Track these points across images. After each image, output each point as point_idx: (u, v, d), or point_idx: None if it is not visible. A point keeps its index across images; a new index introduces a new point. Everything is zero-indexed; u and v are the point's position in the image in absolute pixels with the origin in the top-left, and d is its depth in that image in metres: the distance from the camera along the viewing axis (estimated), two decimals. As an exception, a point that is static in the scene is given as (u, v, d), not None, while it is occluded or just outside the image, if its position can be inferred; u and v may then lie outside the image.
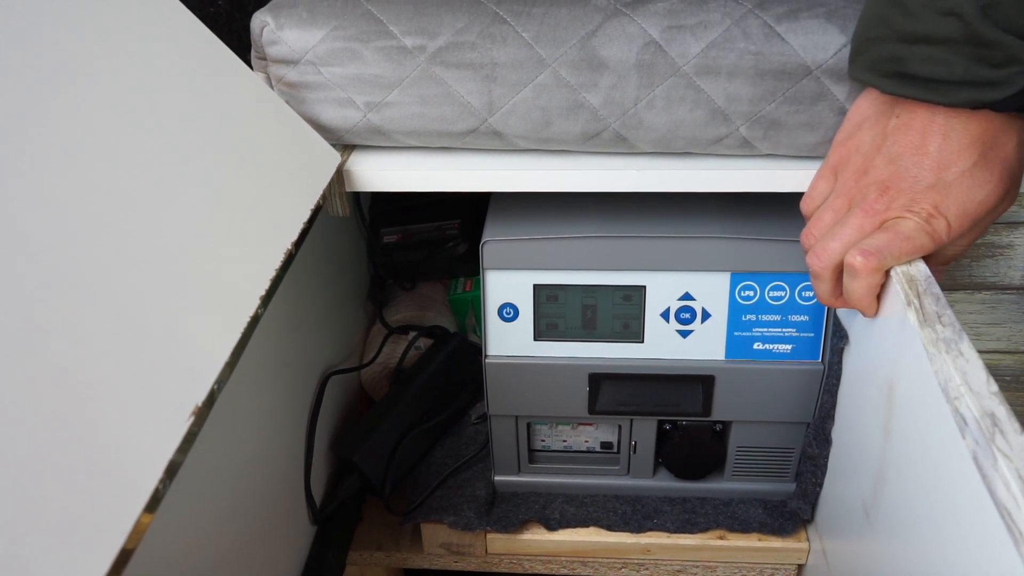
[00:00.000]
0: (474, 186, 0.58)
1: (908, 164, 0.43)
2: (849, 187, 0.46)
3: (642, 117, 0.53)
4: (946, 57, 0.40)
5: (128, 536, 0.31)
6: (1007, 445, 0.33)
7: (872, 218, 0.44)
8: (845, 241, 0.45)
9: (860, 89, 0.50)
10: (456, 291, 0.87)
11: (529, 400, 0.67)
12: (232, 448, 0.51)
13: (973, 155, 0.41)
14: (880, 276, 0.44)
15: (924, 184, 0.42)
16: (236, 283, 0.43)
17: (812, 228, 0.48)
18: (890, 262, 0.44)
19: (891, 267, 0.44)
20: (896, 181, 0.43)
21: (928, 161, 0.42)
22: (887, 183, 0.44)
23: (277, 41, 0.54)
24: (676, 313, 0.62)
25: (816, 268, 0.47)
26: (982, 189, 0.42)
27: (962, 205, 0.42)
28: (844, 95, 0.51)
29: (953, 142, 0.42)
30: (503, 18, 0.52)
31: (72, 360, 0.33)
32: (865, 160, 0.45)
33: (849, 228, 0.45)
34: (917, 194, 0.43)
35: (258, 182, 0.49)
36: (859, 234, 0.44)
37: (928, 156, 0.42)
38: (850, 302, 0.47)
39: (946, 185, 0.42)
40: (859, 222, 0.44)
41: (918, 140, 0.43)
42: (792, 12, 0.51)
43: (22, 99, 0.36)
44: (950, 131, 0.42)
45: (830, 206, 0.47)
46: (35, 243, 0.34)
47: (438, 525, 0.69)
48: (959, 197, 0.42)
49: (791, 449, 0.68)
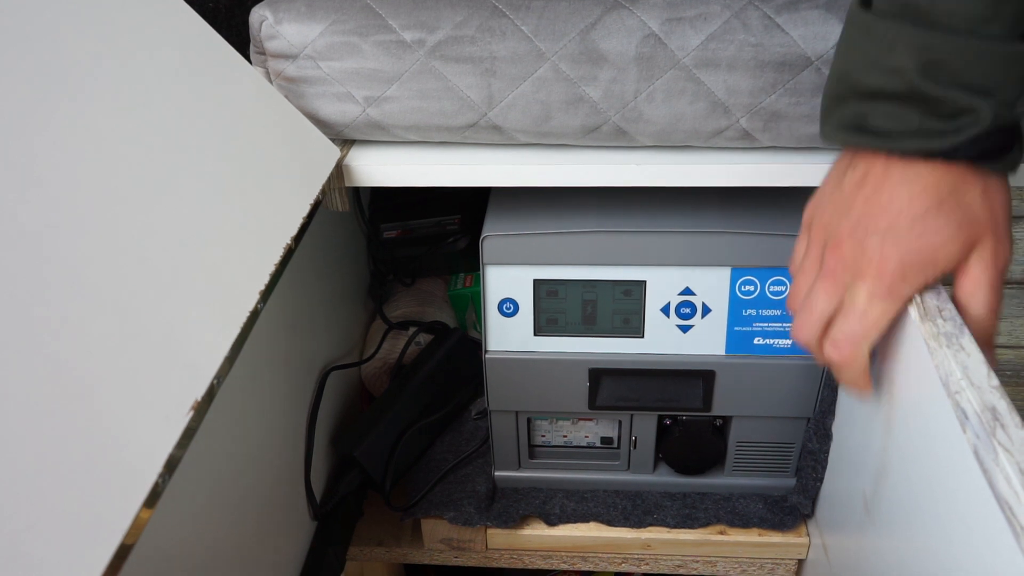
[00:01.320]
0: (474, 181, 0.57)
1: (860, 215, 0.42)
2: (815, 247, 0.45)
3: (642, 110, 0.53)
4: (901, 111, 0.40)
5: (127, 531, 0.31)
6: (1008, 439, 0.33)
7: (833, 283, 0.43)
8: (818, 313, 0.44)
9: None
10: (456, 287, 0.87)
11: (529, 395, 0.67)
12: (232, 443, 0.51)
13: (926, 202, 0.40)
14: (862, 360, 0.43)
15: (876, 233, 0.41)
16: (235, 278, 0.43)
17: (792, 293, 0.47)
18: (864, 345, 0.43)
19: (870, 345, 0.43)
20: (849, 234, 0.42)
21: (879, 210, 0.41)
22: (840, 239, 0.43)
23: (276, 35, 0.54)
24: (676, 308, 0.62)
25: (799, 340, 0.46)
26: (938, 235, 0.40)
27: (917, 252, 0.40)
28: (845, 87, 0.51)
29: (905, 189, 0.41)
30: (502, 11, 0.52)
31: (72, 355, 0.33)
32: (824, 216, 0.45)
33: (817, 299, 0.44)
34: (868, 247, 0.41)
35: (257, 177, 0.49)
36: (828, 302, 0.43)
37: (880, 205, 0.41)
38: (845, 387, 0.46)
39: (897, 233, 0.41)
40: (824, 290, 0.44)
41: (871, 191, 0.42)
42: (792, 3, 0.51)
43: (21, 95, 0.36)
44: (904, 179, 0.41)
45: (803, 270, 0.46)
46: (35, 238, 0.34)
47: (438, 520, 0.69)
48: (912, 244, 0.40)
49: (791, 444, 0.68)
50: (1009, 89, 0.39)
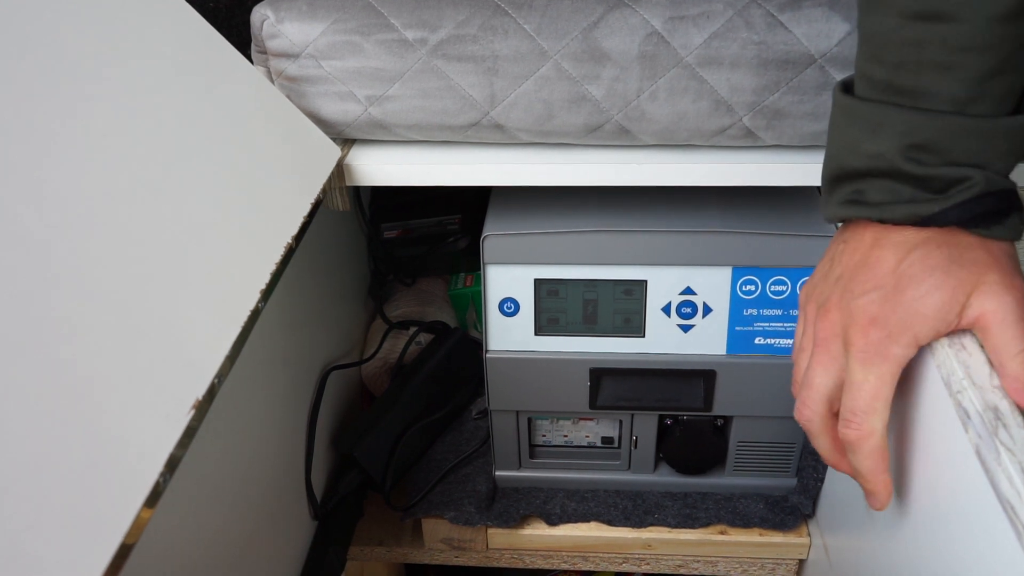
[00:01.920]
0: (475, 181, 0.57)
1: (847, 281, 0.41)
2: (810, 321, 0.44)
3: (645, 109, 0.53)
4: (893, 186, 0.40)
5: (128, 531, 0.31)
6: (1010, 439, 0.33)
7: (827, 353, 0.42)
8: (816, 387, 0.42)
9: None
10: (456, 286, 0.86)
11: (530, 395, 0.67)
12: (233, 443, 0.51)
13: (912, 260, 0.38)
14: (875, 438, 0.40)
15: (862, 295, 0.40)
16: (236, 277, 0.43)
17: (794, 375, 0.46)
18: (872, 419, 0.40)
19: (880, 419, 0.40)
20: (837, 302, 0.41)
21: (867, 274, 0.40)
22: (828, 308, 0.41)
23: (277, 35, 0.54)
24: (677, 307, 0.62)
25: (802, 422, 0.44)
26: (921, 286, 0.38)
27: (901, 306, 0.38)
28: (849, 84, 0.51)
29: (892, 252, 0.39)
30: (504, 10, 0.52)
31: (73, 354, 0.33)
32: (816, 289, 0.44)
33: (815, 374, 0.42)
34: (854, 310, 0.40)
35: (258, 176, 0.48)
36: (825, 375, 0.42)
37: (868, 268, 0.40)
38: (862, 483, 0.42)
39: (882, 292, 0.39)
40: (820, 363, 0.42)
41: (860, 257, 0.41)
42: (795, 1, 0.51)
43: (22, 94, 0.36)
44: (892, 244, 0.40)
45: (801, 348, 0.45)
46: (36, 238, 0.34)
47: (439, 520, 0.69)
48: (896, 299, 0.38)
49: (792, 444, 0.68)
50: (998, 163, 0.38)
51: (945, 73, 0.37)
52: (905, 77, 0.39)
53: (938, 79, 0.38)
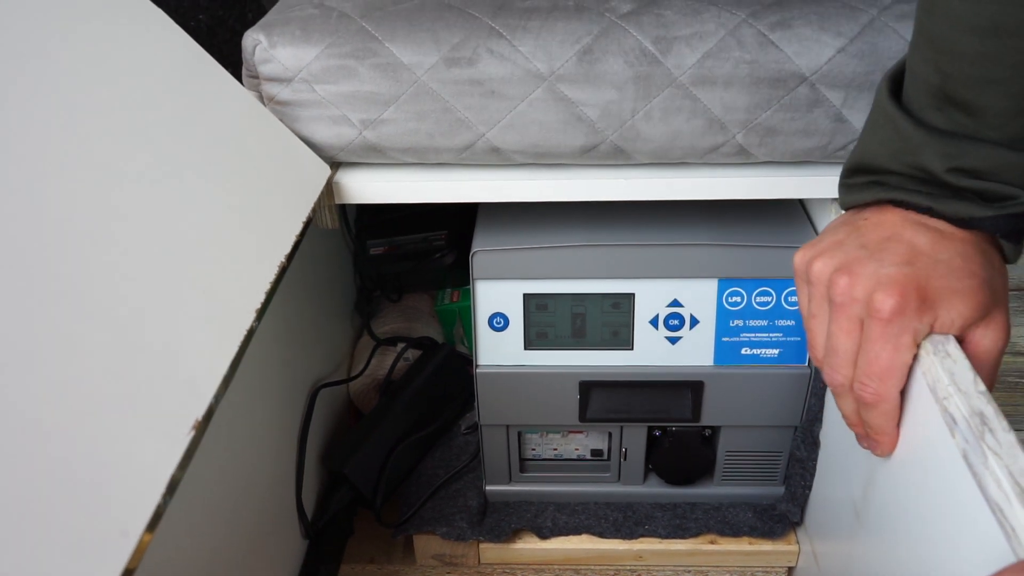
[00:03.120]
0: (463, 197, 0.58)
1: (876, 251, 0.41)
2: (819, 288, 0.43)
3: (640, 128, 0.54)
4: (931, 190, 0.41)
5: (131, 556, 0.31)
6: (996, 443, 0.34)
7: (847, 318, 0.41)
8: (842, 352, 0.42)
9: (857, 93, 0.51)
10: (443, 302, 0.87)
11: (520, 409, 0.67)
12: (225, 463, 0.51)
13: (951, 250, 0.39)
14: (891, 401, 0.41)
15: (894, 265, 0.40)
16: (232, 297, 0.43)
17: (811, 343, 0.45)
18: (890, 383, 0.41)
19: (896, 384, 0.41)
20: (862, 266, 0.41)
21: (903, 248, 0.40)
22: (854, 270, 0.41)
23: (270, 59, 0.54)
24: (665, 320, 0.63)
25: (834, 386, 0.44)
26: (973, 298, 0.39)
27: (946, 298, 0.39)
28: (839, 101, 0.53)
29: (925, 235, 0.40)
30: (499, 32, 0.53)
31: (72, 377, 0.33)
32: (828, 254, 0.43)
33: (838, 341, 0.42)
34: (884, 278, 0.39)
35: (251, 197, 0.49)
36: (849, 339, 0.42)
37: (903, 244, 0.40)
38: (872, 435, 0.44)
39: (923, 271, 0.39)
40: (842, 329, 0.42)
41: (890, 233, 0.41)
42: (785, 20, 0.52)
43: (15, 115, 0.36)
44: (923, 229, 0.40)
45: (813, 314, 0.44)
46: (33, 260, 0.34)
47: (430, 536, 0.69)
48: (941, 293, 0.39)
49: (780, 453, 0.69)
50: None
51: (997, 87, 0.38)
52: (959, 88, 0.39)
53: (990, 94, 0.38)
